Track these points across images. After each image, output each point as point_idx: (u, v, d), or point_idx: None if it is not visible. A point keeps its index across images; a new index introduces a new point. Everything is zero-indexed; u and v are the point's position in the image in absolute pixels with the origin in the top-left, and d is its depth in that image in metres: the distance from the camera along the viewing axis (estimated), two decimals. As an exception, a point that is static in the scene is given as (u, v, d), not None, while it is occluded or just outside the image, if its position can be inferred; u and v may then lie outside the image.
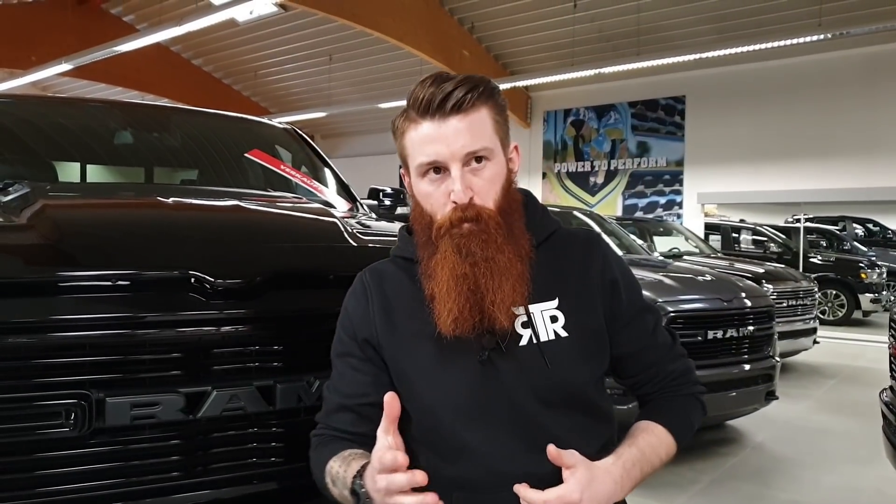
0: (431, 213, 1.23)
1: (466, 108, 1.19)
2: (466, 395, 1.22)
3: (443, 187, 1.21)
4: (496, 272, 1.18)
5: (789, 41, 9.68)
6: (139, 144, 3.04)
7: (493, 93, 1.24)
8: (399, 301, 1.30)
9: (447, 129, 1.19)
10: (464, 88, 1.19)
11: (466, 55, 13.11)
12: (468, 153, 1.20)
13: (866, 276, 11.69)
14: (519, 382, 1.21)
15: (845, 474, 4.18)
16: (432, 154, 1.20)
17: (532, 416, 1.21)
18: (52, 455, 1.32)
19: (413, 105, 1.22)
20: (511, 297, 1.19)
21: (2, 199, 1.99)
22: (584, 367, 1.26)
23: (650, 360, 1.36)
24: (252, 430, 1.47)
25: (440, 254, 1.21)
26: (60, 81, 16.60)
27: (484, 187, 1.21)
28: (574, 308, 1.27)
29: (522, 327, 1.23)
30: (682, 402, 1.37)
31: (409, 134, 1.24)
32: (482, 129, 1.21)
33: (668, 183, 13.62)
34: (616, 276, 1.33)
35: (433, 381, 1.24)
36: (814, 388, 6.62)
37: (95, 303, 1.38)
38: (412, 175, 1.26)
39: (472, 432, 1.22)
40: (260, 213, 1.97)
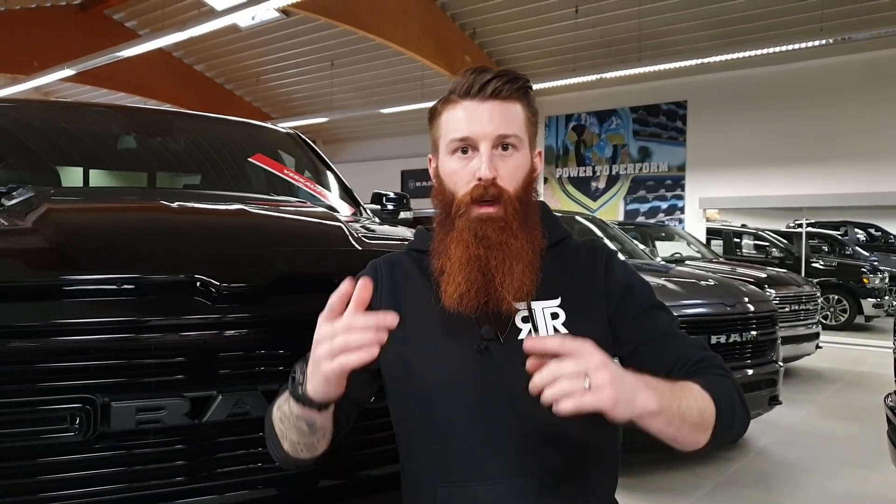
0: (454, 190, 1.27)
1: (504, 97, 1.25)
2: (461, 384, 1.24)
3: (470, 166, 1.25)
4: (508, 256, 1.21)
5: (791, 46, 9.69)
6: (142, 149, 3.04)
7: (528, 92, 1.30)
8: (407, 288, 1.34)
9: (483, 110, 1.25)
10: (503, 79, 1.26)
11: (468, 61, 13.12)
12: (499, 135, 1.24)
13: (868, 280, 11.69)
14: (516, 375, 1.19)
15: (849, 480, 4.17)
16: (466, 130, 1.25)
17: (526, 411, 1.19)
18: (56, 460, 1.32)
19: (454, 89, 1.28)
20: (520, 281, 1.21)
21: (6, 203, 2.00)
22: None
23: (666, 347, 1.27)
24: (257, 435, 1.46)
25: (456, 231, 1.24)
26: (63, 87, 16.62)
27: (508, 172, 1.25)
28: (576, 309, 1.28)
29: (522, 322, 1.25)
30: (718, 379, 1.21)
31: (446, 114, 1.29)
32: (515, 119, 1.27)
33: (669, 188, 13.61)
34: (628, 281, 1.33)
35: (429, 369, 1.26)
36: (816, 393, 6.61)
37: (101, 306, 1.37)
38: (441, 153, 1.30)
39: (465, 422, 1.23)
40: (265, 217, 1.97)
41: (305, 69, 15.78)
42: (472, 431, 1.23)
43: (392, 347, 1.24)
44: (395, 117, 16.14)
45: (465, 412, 1.23)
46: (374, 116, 16.18)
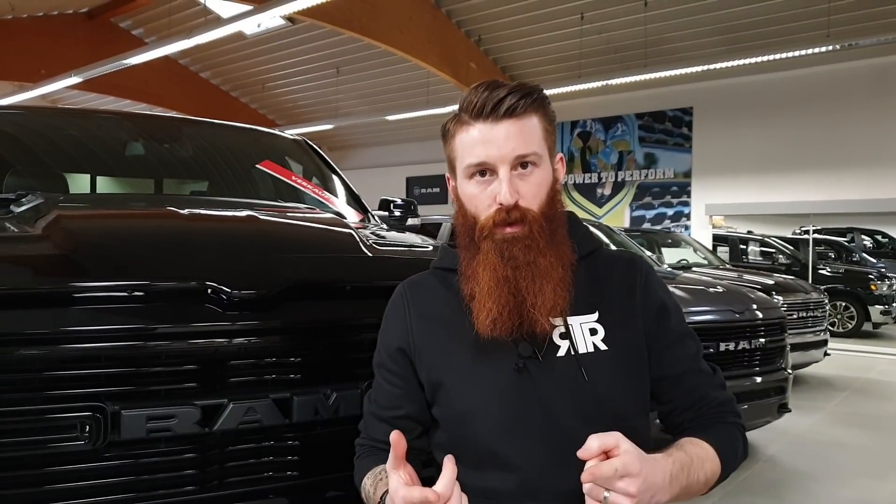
0: (475, 214, 1.23)
1: (519, 114, 1.20)
2: (500, 405, 1.20)
3: (489, 190, 1.21)
4: (537, 276, 1.18)
5: (797, 52, 9.67)
6: (150, 156, 3.04)
7: (544, 102, 1.26)
8: (436, 309, 1.31)
9: (498, 132, 1.20)
10: (517, 95, 1.21)
11: (473, 68, 13.14)
12: (517, 156, 1.20)
13: (876, 287, 11.63)
14: (556, 394, 1.19)
15: (860, 488, 4.13)
16: (482, 155, 1.20)
17: (568, 430, 1.17)
18: (66, 469, 1.31)
19: (466, 109, 1.23)
20: (552, 300, 1.18)
21: (15, 209, 1.99)
22: (625, 384, 1.23)
23: (692, 384, 1.30)
24: (268, 444, 1.45)
25: (482, 254, 1.21)
26: (69, 94, 16.69)
27: (530, 191, 1.21)
28: (614, 323, 1.25)
29: (560, 338, 1.21)
30: (728, 429, 1.28)
31: (460, 136, 1.24)
32: (532, 135, 1.22)
33: (675, 194, 13.59)
34: (664, 300, 1.31)
35: (467, 389, 1.23)
36: (825, 401, 6.56)
37: (111, 314, 1.36)
38: (459, 177, 1.27)
39: (505, 443, 1.20)
40: (275, 224, 1.96)
41: (311, 76, 15.81)
42: (514, 452, 1.19)
43: (425, 371, 1.27)
44: (400, 124, 16.15)
45: (505, 432, 1.20)
46: (380, 123, 16.19)
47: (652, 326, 1.28)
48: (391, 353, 1.31)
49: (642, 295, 1.29)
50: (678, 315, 1.33)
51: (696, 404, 1.29)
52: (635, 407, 1.25)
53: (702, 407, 1.29)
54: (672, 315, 1.31)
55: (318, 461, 1.50)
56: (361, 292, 1.62)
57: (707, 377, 1.31)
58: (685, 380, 1.29)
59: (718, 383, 1.32)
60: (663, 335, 1.29)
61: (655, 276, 1.34)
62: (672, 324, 1.30)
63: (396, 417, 1.29)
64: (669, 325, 1.30)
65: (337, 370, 1.51)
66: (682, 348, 1.30)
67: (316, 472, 1.50)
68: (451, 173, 1.30)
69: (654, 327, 1.28)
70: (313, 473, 1.50)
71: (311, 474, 1.49)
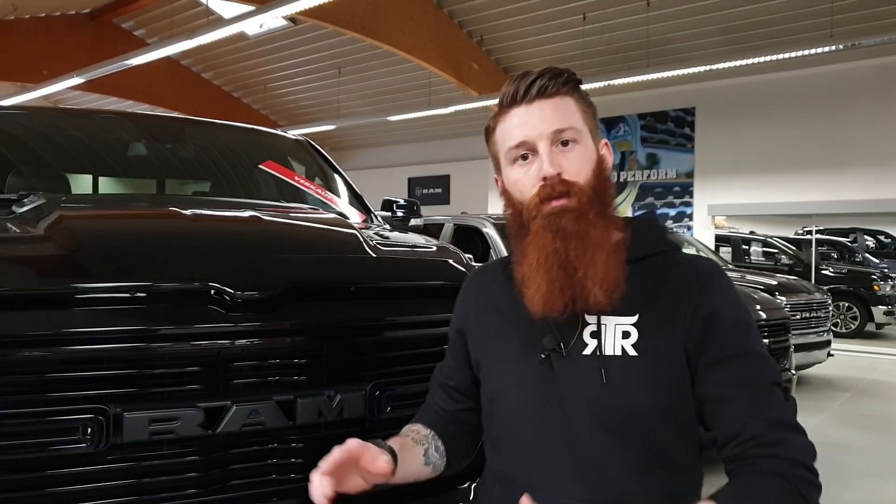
0: (521, 199, 1.22)
1: (551, 93, 1.21)
2: (521, 393, 1.22)
3: (532, 170, 1.21)
4: (588, 246, 1.15)
5: (800, 52, 9.63)
6: (152, 156, 3.03)
7: (576, 86, 1.25)
8: (492, 294, 1.35)
9: (533, 112, 1.21)
10: (547, 76, 1.22)
11: (475, 68, 13.12)
12: (555, 130, 1.20)
13: (879, 287, 11.60)
14: (573, 392, 1.17)
15: (865, 490, 4.12)
16: (520, 136, 1.21)
17: (581, 433, 1.16)
18: (68, 471, 1.29)
19: (501, 101, 1.25)
20: (604, 269, 1.14)
21: (17, 210, 1.98)
22: (652, 395, 1.14)
23: (735, 413, 1.10)
24: (272, 446, 1.44)
25: (532, 235, 1.19)
26: (72, 95, 16.70)
27: (573, 166, 1.20)
28: (652, 329, 1.16)
29: (591, 337, 1.18)
30: (760, 483, 1.04)
31: (500, 127, 1.26)
32: (569, 112, 1.22)
33: (678, 195, 13.57)
34: (718, 311, 1.16)
35: (499, 373, 1.28)
36: (828, 402, 6.54)
37: (113, 315, 1.35)
38: (503, 167, 1.27)
39: (520, 432, 1.22)
40: (278, 224, 1.94)
41: (313, 77, 15.80)
42: (527, 443, 1.21)
43: (473, 350, 1.34)
44: (402, 125, 16.15)
45: (521, 423, 1.22)
46: (382, 124, 16.19)
47: (696, 338, 1.15)
48: (453, 332, 1.42)
49: (696, 303, 1.16)
50: (737, 330, 1.16)
51: (732, 440, 1.10)
52: (663, 423, 1.15)
53: (738, 445, 1.09)
54: (724, 328, 1.15)
55: (321, 464, 1.49)
56: (366, 293, 1.61)
57: (757, 409, 1.10)
58: (729, 407, 1.11)
59: (774, 419, 1.09)
60: (710, 349, 1.15)
61: (725, 287, 1.20)
62: (723, 337, 1.15)
63: (447, 385, 1.40)
64: (718, 339, 1.15)
65: (341, 372, 1.50)
66: (733, 368, 1.13)
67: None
68: (498, 171, 1.30)
69: (697, 339, 1.15)
70: (317, 476, 1.49)
71: (314, 477, 1.48)
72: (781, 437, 1.07)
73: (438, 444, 1.35)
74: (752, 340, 1.17)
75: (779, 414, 1.10)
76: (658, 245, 1.25)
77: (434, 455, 1.33)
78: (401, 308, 1.66)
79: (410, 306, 1.68)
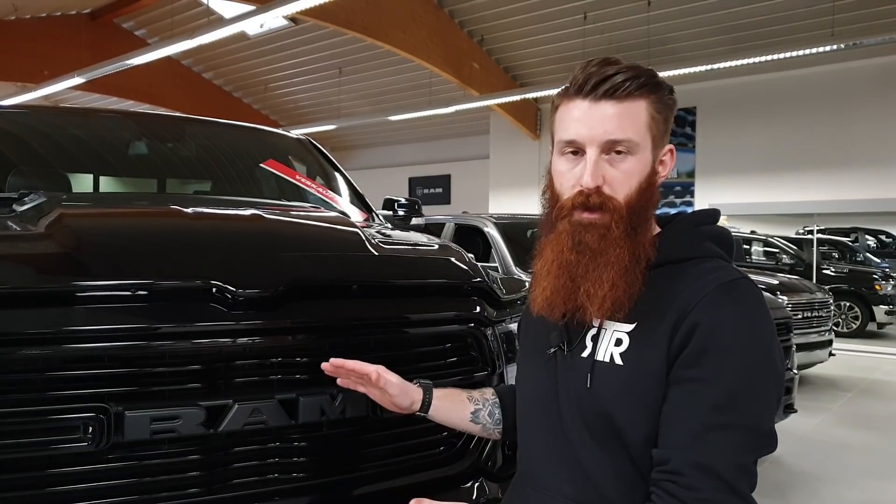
0: (560, 192, 1.20)
1: (620, 96, 1.13)
2: (530, 387, 1.29)
3: (576, 170, 1.16)
4: (601, 265, 1.13)
5: (801, 52, 9.63)
6: (153, 155, 3.02)
7: (656, 87, 1.16)
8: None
9: (594, 112, 1.14)
10: (624, 75, 1.14)
11: (476, 68, 13.11)
12: (609, 140, 1.13)
13: (880, 287, 11.58)
14: (566, 392, 1.20)
15: (866, 489, 4.11)
16: (573, 133, 1.16)
17: (570, 433, 1.19)
18: (68, 470, 1.29)
19: (572, 83, 1.18)
20: (608, 291, 1.12)
21: (18, 208, 1.97)
22: (634, 407, 1.10)
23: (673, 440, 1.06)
24: (274, 445, 1.43)
25: (555, 234, 1.19)
26: (72, 95, 16.70)
27: (618, 179, 1.14)
28: (641, 339, 1.12)
29: (591, 340, 1.18)
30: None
31: (561, 110, 1.20)
32: (633, 121, 1.14)
33: (679, 194, 13.56)
34: (700, 322, 1.07)
35: (521, 367, 1.36)
36: (830, 402, 6.53)
37: (115, 313, 1.34)
38: (554, 151, 1.23)
39: (530, 427, 1.28)
40: (280, 223, 1.93)
41: (314, 77, 15.81)
42: (532, 435, 1.28)
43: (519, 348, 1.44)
44: (403, 124, 16.15)
45: (529, 416, 1.28)
46: (382, 124, 16.19)
47: (676, 349, 1.08)
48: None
49: (691, 311, 1.08)
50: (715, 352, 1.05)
51: (660, 465, 1.07)
52: (641, 436, 1.10)
53: (662, 472, 1.06)
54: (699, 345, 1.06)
55: (324, 462, 1.48)
56: (368, 291, 1.61)
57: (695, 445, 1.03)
58: (670, 431, 1.07)
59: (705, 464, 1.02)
60: (680, 362, 1.08)
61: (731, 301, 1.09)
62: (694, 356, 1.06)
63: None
64: (689, 355, 1.07)
65: (343, 370, 1.49)
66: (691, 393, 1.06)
67: (322, 474, 1.49)
68: (552, 146, 1.26)
69: (677, 350, 1.08)
70: (320, 475, 1.48)
71: (317, 476, 1.48)
72: (698, 485, 1.02)
73: (496, 410, 1.44)
74: (726, 368, 1.05)
75: (717, 465, 1.02)
76: (681, 252, 1.17)
77: (486, 418, 1.43)
78: (403, 306, 1.66)
79: (413, 304, 1.68)
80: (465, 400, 1.44)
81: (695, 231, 1.21)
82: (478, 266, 1.88)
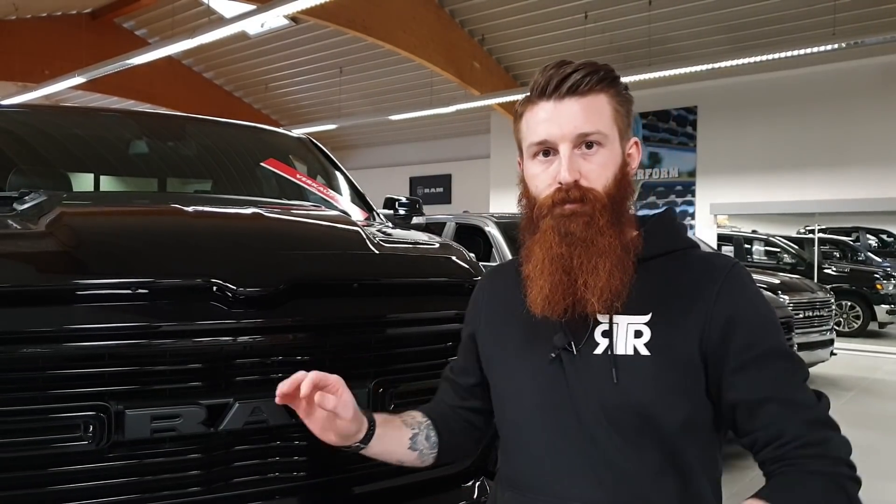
0: (536, 194, 1.21)
1: (583, 91, 1.17)
2: (531, 393, 1.21)
3: (550, 169, 1.19)
4: (593, 254, 1.14)
5: (802, 51, 9.61)
6: (153, 154, 3.02)
7: (614, 81, 1.21)
8: (502, 292, 1.34)
9: (561, 110, 1.17)
10: (583, 72, 1.17)
11: (477, 67, 13.11)
12: (580, 134, 1.16)
13: (882, 286, 11.58)
14: (583, 392, 1.16)
15: (868, 489, 4.05)
16: (543, 133, 1.18)
17: (595, 433, 1.14)
18: (69, 469, 1.29)
19: (532, 88, 1.21)
20: (605, 281, 1.13)
21: (18, 207, 1.97)
22: (665, 396, 1.13)
23: (771, 416, 1.09)
24: (274, 444, 1.43)
25: (540, 233, 1.19)
26: (73, 95, 16.70)
27: (594, 171, 1.17)
28: (665, 328, 1.14)
29: (602, 336, 1.17)
30: (805, 482, 1.04)
31: (526, 116, 1.23)
32: (598, 114, 1.18)
33: (680, 194, 13.55)
34: (734, 312, 1.13)
35: (509, 373, 1.26)
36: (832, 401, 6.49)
37: (115, 312, 1.34)
38: (524, 157, 1.25)
39: (532, 433, 1.20)
40: (281, 221, 1.93)
41: (314, 76, 15.80)
42: (537, 442, 1.19)
43: (484, 351, 1.33)
44: (403, 124, 16.14)
45: (531, 422, 1.20)
46: (383, 123, 16.18)
47: (716, 340, 1.13)
48: (465, 333, 1.41)
49: (715, 301, 1.14)
50: (761, 331, 1.14)
51: (772, 442, 1.09)
52: (676, 425, 1.13)
53: (780, 447, 1.08)
54: (748, 329, 1.13)
55: (325, 462, 1.48)
56: (368, 290, 1.61)
57: (794, 409, 1.09)
58: (763, 410, 1.10)
59: (812, 418, 1.09)
60: (735, 353, 1.12)
61: (744, 285, 1.17)
62: (746, 339, 1.12)
63: (455, 382, 1.41)
64: (743, 341, 1.12)
65: (344, 369, 1.48)
66: (762, 370, 1.11)
67: (323, 473, 1.49)
68: (520, 157, 1.28)
69: (719, 342, 1.13)
70: (320, 474, 1.48)
71: (317, 475, 1.48)
72: (822, 437, 1.08)
73: (431, 433, 1.35)
74: (777, 338, 1.15)
75: (815, 413, 1.10)
76: (671, 244, 1.24)
77: (423, 443, 1.34)
78: (404, 305, 1.66)
79: (413, 303, 1.68)
80: (402, 425, 1.33)
81: (673, 225, 1.28)
82: (479, 265, 1.88)
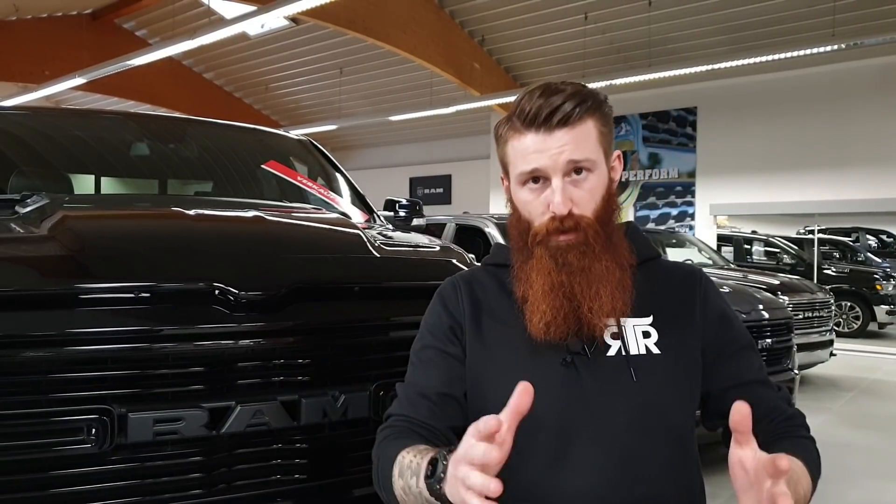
0: (529, 219, 1.22)
1: (573, 122, 1.17)
2: (544, 401, 1.14)
3: (542, 197, 1.20)
4: (593, 281, 1.17)
5: (802, 52, 9.61)
6: (154, 156, 3.02)
7: (600, 105, 1.22)
8: (487, 302, 1.29)
9: (551, 142, 1.17)
10: (572, 102, 1.17)
11: (477, 68, 13.12)
12: (569, 162, 1.17)
13: (881, 287, 11.58)
14: (602, 395, 1.16)
15: (869, 490, 4.11)
16: (534, 163, 1.18)
17: (617, 434, 1.15)
18: (71, 472, 1.29)
19: (519, 115, 1.20)
20: (609, 304, 1.16)
21: (20, 210, 1.97)
22: (677, 392, 1.21)
23: (760, 395, 1.22)
24: (276, 447, 1.44)
25: (535, 259, 1.19)
26: (73, 96, 16.71)
27: (584, 198, 1.19)
28: (669, 329, 1.23)
29: (612, 338, 1.19)
30: (806, 445, 1.20)
31: (512, 143, 1.22)
32: (586, 141, 1.19)
33: (679, 194, 13.56)
34: (724, 310, 1.30)
35: (512, 384, 1.12)
36: (831, 402, 6.53)
37: (117, 315, 1.35)
38: (512, 182, 1.25)
39: (543, 436, 1.17)
40: (283, 225, 1.94)
41: (314, 77, 15.81)
42: (550, 447, 1.17)
43: (472, 365, 1.25)
44: (403, 125, 16.15)
45: (544, 426, 1.16)
46: (383, 124, 16.19)
47: (713, 336, 1.26)
48: (444, 331, 1.27)
49: (702, 304, 1.28)
50: (740, 325, 1.31)
51: (766, 416, 1.21)
52: (685, 417, 1.22)
53: (773, 420, 1.22)
54: (734, 325, 1.30)
55: (326, 464, 1.49)
56: (370, 293, 1.61)
57: (773, 390, 1.27)
58: (753, 391, 1.23)
59: (784, 397, 1.27)
60: (727, 345, 1.27)
61: (714, 286, 1.33)
62: (735, 333, 1.29)
63: (442, 395, 1.23)
64: (733, 335, 1.28)
65: (345, 372, 1.50)
66: (748, 359, 1.27)
67: (324, 475, 1.49)
68: (505, 175, 1.28)
69: (715, 337, 1.26)
70: (322, 476, 1.49)
71: (319, 477, 1.48)
72: (795, 412, 1.25)
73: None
74: (747, 333, 1.32)
75: (783, 393, 1.28)
76: (649, 251, 1.32)
77: None
78: (405, 308, 1.65)
79: (414, 306, 1.67)
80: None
81: (643, 235, 1.34)
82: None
